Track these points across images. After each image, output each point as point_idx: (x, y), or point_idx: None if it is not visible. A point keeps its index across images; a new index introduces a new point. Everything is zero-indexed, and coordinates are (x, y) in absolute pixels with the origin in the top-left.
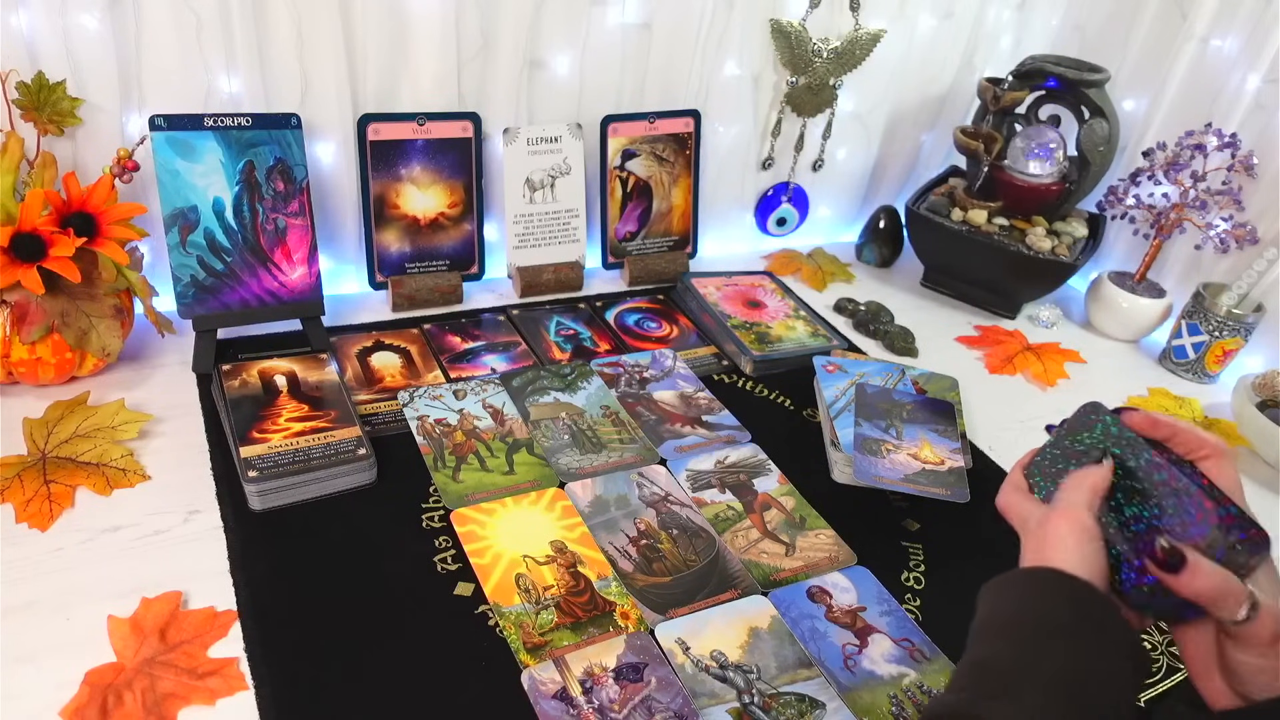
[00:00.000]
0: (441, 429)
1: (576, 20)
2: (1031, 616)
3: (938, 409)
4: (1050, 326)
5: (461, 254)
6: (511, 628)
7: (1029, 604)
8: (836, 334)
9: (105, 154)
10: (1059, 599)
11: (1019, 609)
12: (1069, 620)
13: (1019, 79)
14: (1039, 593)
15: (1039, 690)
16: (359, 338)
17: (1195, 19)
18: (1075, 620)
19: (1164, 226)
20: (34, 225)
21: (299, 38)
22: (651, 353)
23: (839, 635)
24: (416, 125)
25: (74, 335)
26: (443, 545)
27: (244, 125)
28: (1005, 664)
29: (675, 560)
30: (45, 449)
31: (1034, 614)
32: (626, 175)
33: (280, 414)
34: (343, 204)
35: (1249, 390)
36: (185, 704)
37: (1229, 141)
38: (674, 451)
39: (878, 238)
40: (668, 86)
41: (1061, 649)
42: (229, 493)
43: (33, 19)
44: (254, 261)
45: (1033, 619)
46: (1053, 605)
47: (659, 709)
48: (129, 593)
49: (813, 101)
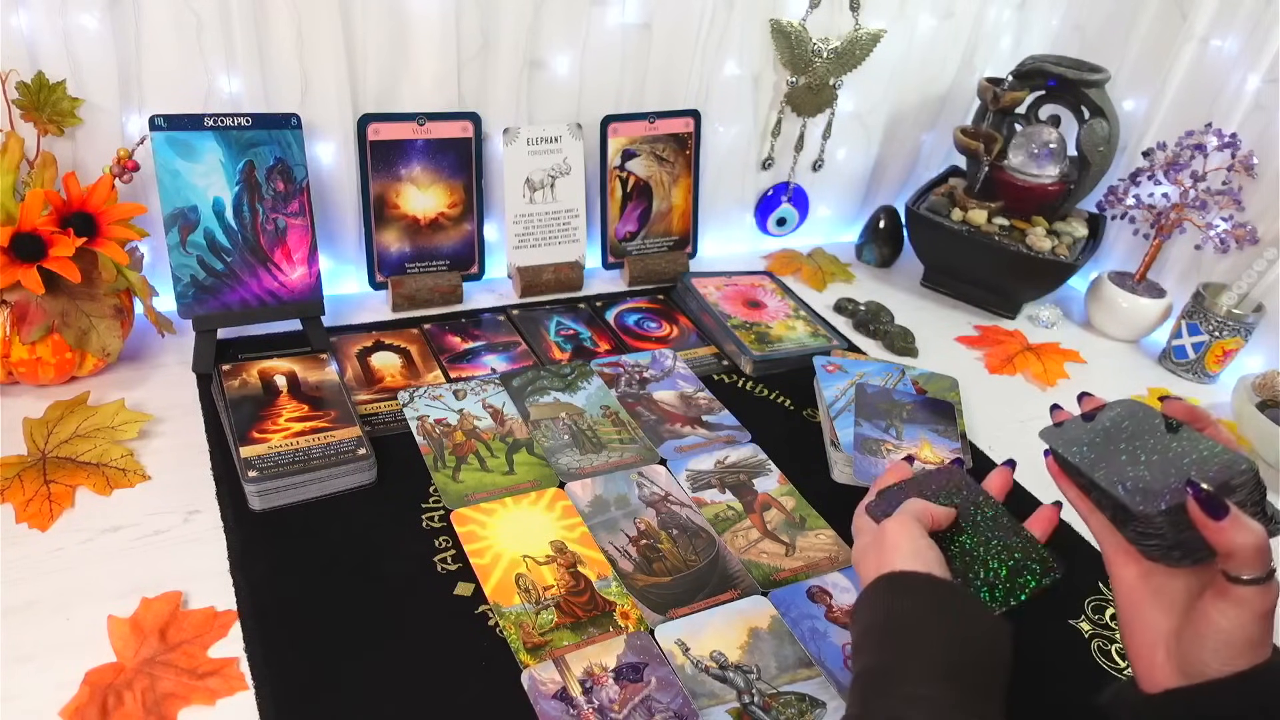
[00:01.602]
0: (441, 429)
1: (576, 20)
2: (883, 619)
3: (938, 409)
4: (1050, 326)
5: (461, 254)
6: (511, 628)
7: (879, 610)
8: (836, 334)
9: (105, 154)
10: (903, 596)
11: (873, 618)
12: (915, 609)
13: (1019, 79)
14: (886, 597)
15: (916, 678)
16: (359, 338)
17: (1195, 19)
18: (922, 608)
19: (1164, 226)
20: (34, 225)
21: (299, 38)
22: (651, 353)
23: (839, 636)
24: (416, 125)
25: (74, 335)
26: (443, 545)
27: (244, 125)
28: (879, 668)
29: (675, 560)
30: (45, 449)
31: (885, 616)
32: (626, 175)
33: (280, 414)
34: (343, 204)
35: (1249, 390)
36: (185, 704)
37: (1229, 141)
38: (674, 451)
39: (878, 238)
40: (668, 86)
41: (926, 636)
42: (229, 493)
43: (33, 19)
44: (254, 261)
45: (885, 621)
46: (899, 602)
47: (659, 709)
48: (129, 593)
49: (813, 101)
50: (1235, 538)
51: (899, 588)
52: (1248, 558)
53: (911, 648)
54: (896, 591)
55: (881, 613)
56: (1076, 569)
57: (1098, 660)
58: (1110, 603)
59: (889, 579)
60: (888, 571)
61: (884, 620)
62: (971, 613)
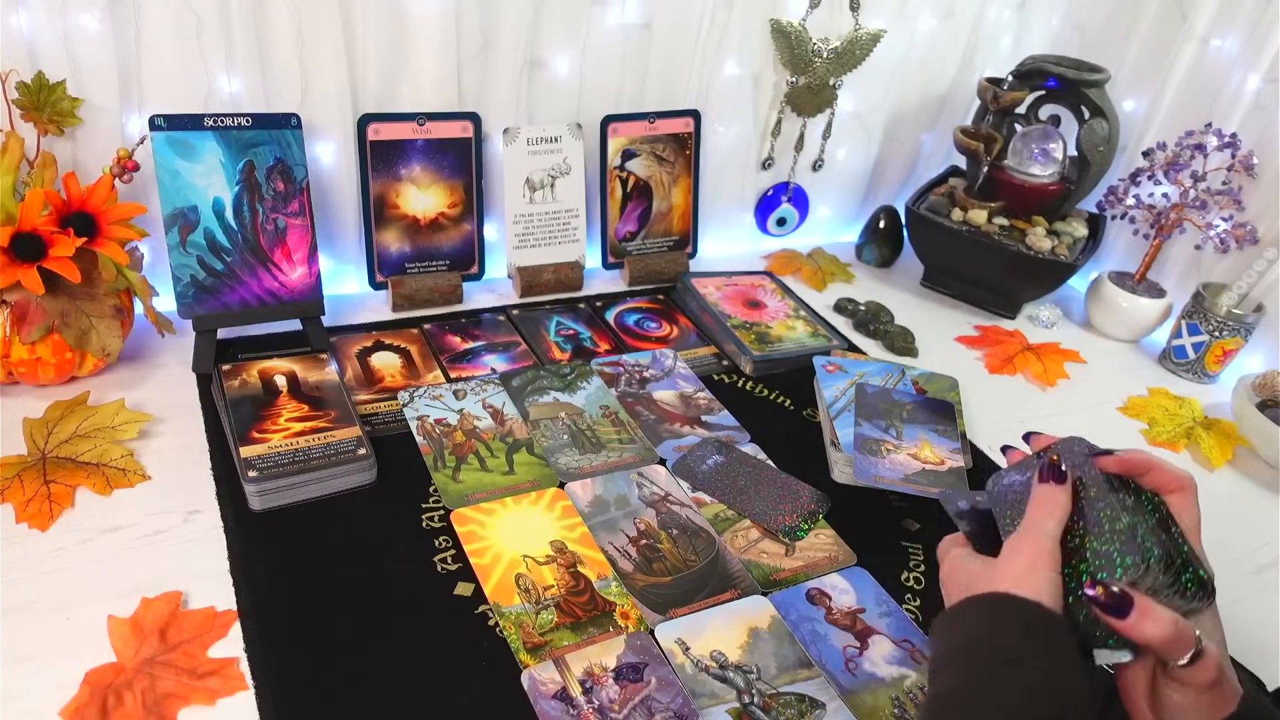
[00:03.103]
0: (441, 429)
1: (576, 20)
2: (983, 645)
3: (938, 409)
4: (1050, 326)
5: (461, 254)
6: (511, 628)
7: (981, 632)
8: (836, 334)
9: (105, 154)
10: (1010, 624)
11: (970, 639)
12: (1019, 645)
13: (1019, 79)
14: (990, 620)
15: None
16: (359, 338)
17: (1195, 19)
18: (1026, 644)
19: (1164, 226)
20: (34, 225)
21: (299, 38)
22: (651, 353)
23: (839, 638)
24: (416, 125)
25: (74, 335)
26: (443, 545)
27: (244, 125)
28: (961, 697)
29: (675, 560)
30: (45, 449)
31: (986, 642)
32: (626, 175)
33: (280, 414)
34: (343, 204)
35: (1249, 390)
36: (185, 704)
37: (1229, 141)
38: (673, 451)
39: (878, 238)
40: (668, 86)
41: (1015, 674)
42: (229, 493)
43: (33, 19)
44: (254, 261)
45: (984, 648)
46: (1004, 631)
47: (659, 709)
48: (129, 593)
49: (813, 101)
50: (1146, 632)
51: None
52: (1167, 648)
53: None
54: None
55: (982, 638)
56: None
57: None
58: None
59: (1003, 602)
60: (1002, 592)
61: (983, 648)
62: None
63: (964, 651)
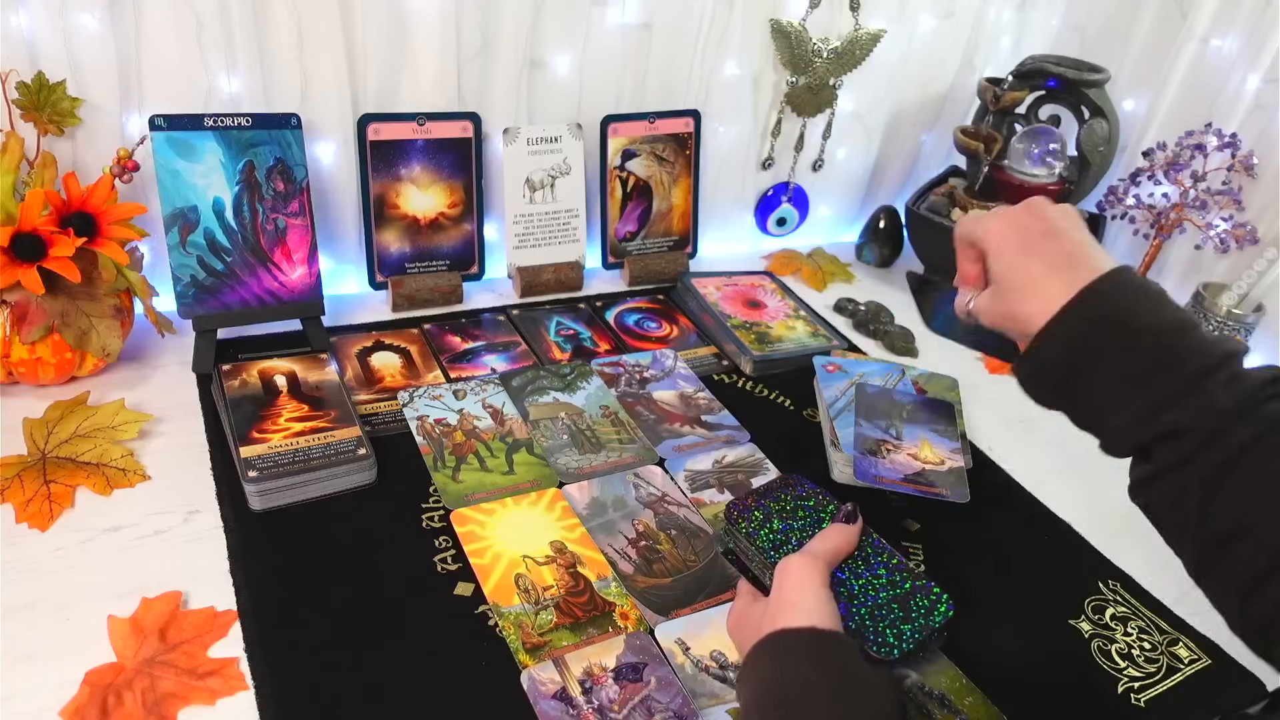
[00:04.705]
0: (441, 429)
1: (576, 20)
2: (776, 692)
3: (938, 409)
4: None
5: (461, 254)
6: (511, 628)
7: (773, 676)
8: (836, 334)
9: (105, 154)
10: (794, 659)
11: (766, 686)
12: (806, 678)
13: (1019, 79)
14: (779, 662)
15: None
16: (359, 338)
17: (1195, 19)
18: (811, 673)
19: (1164, 226)
20: (34, 225)
21: (299, 38)
22: (652, 353)
23: None
24: (416, 125)
25: (74, 335)
26: (443, 545)
27: (244, 125)
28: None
29: (675, 561)
30: (45, 449)
31: (778, 689)
32: (626, 175)
33: (280, 414)
34: (343, 204)
35: None
36: (185, 704)
37: (1229, 141)
38: (672, 451)
39: (878, 238)
40: (668, 86)
41: (813, 711)
42: (229, 493)
43: (33, 19)
44: (254, 261)
45: (777, 694)
46: (790, 671)
47: (659, 709)
48: (129, 593)
49: (813, 101)
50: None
51: (802, 650)
52: None
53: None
54: (799, 657)
55: (780, 680)
56: (1077, 569)
57: (1097, 660)
58: (1110, 603)
59: (790, 640)
60: (783, 629)
61: (785, 690)
62: (860, 675)
63: (763, 700)
